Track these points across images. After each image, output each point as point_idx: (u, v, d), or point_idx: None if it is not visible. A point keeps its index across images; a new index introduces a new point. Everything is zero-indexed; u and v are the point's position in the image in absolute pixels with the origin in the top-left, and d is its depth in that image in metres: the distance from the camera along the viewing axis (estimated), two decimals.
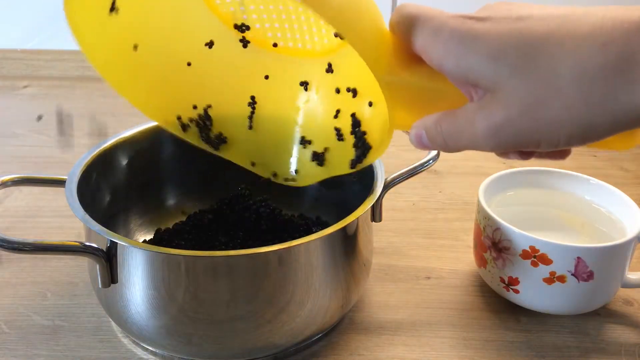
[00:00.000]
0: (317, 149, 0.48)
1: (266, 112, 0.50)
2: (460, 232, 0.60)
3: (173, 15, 0.46)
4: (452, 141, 0.32)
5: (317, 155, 0.48)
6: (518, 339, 0.47)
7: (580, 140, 0.29)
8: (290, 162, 0.49)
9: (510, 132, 0.30)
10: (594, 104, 0.28)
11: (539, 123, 0.29)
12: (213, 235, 0.52)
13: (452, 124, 0.32)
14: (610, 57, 0.27)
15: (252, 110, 0.49)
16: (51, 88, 0.99)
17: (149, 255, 0.40)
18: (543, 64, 0.28)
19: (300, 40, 0.47)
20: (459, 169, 0.72)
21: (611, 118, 0.28)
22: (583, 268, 0.45)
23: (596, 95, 0.27)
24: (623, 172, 0.73)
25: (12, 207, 0.64)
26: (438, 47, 0.31)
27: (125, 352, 0.45)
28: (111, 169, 0.52)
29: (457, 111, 0.32)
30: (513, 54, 0.29)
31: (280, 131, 0.49)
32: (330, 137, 0.47)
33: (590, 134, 0.29)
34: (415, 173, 0.49)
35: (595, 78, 0.27)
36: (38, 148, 0.79)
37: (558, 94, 0.28)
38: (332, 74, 0.46)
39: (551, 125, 0.29)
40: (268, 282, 0.40)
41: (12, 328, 0.47)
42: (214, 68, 0.48)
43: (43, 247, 0.39)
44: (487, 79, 0.29)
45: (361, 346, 0.46)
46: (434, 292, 0.52)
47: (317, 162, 0.48)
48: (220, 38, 0.47)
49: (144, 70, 0.46)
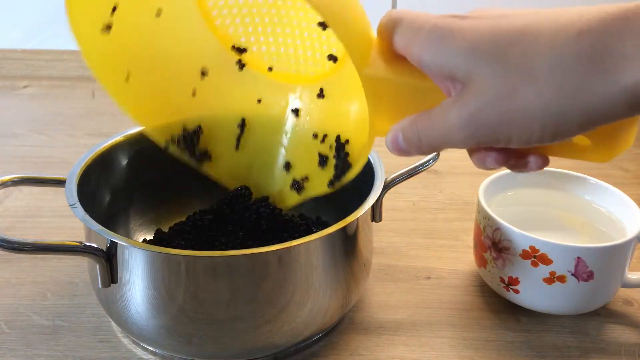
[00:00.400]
0: (297, 176, 0.48)
1: (254, 135, 0.50)
2: (460, 232, 0.60)
3: (173, 33, 0.46)
4: (425, 138, 0.32)
5: (297, 183, 0.48)
6: (518, 339, 0.47)
7: (553, 134, 0.29)
8: (272, 184, 0.50)
9: (483, 122, 0.29)
10: (567, 93, 0.27)
11: (512, 112, 0.28)
12: (213, 235, 0.52)
13: (427, 121, 0.32)
14: (585, 45, 0.27)
15: (240, 132, 0.50)
16: (51, 88, 0.99)
17: (149, 255, 0.40)
18: (518, 53, 0.28)
19: (294, 65, 0.48)
20: (459, 169, 0.72)
21: (582, 109, 0.27)
22: (583, 268, 0.45)
23: (569, 84, 0.27)
24: (623, 172, 0.73)
25: (12, 207, 0.64)
26: (418, 42, 0.31)
27: (125, 352, 0.45)
28: (111, 169, 0.52)
29: (433, 109, 0.32)
30: (489, 45, 0.29)
31: (266, 154, 0.50)
32: (313, 162, 0.47)
33: (563, 126, 0.28)
34: (415, 173, 0.49)
35: (570, 67, 0.27)
36: (38, 148, 0.79)
37: (532, 83, 0.28)
38: (322, 99, 0.46)
39: (524, 115, 0.28)
40: (268, 282, 0.40)
41: (12, 328, 0.47)
42: (209, 86, 0.49)
43: (43, 247, 0.39)
44: (462, 70, 0.29)
45: (361, 346, 0.46)
46: (434, 292, 0.52)
47: (297, 190, 0.48)
48: (217, 59, 0.48)
49: (138, 79, 0.46)
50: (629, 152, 0.77)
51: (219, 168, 0.49)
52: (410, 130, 0.33)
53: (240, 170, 0.50)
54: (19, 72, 1.04)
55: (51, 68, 1.04)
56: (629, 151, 0.77)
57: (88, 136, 0.82)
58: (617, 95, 0.27)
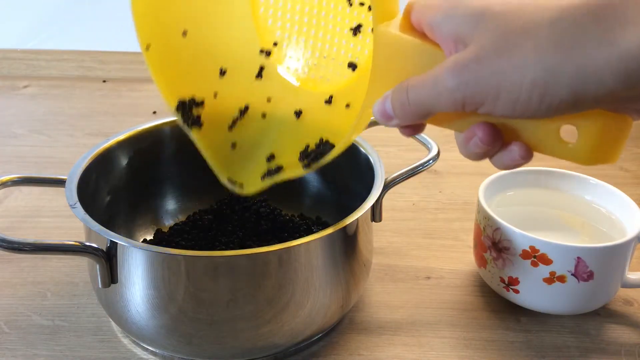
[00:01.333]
0: (273, 167, 0.48)
1: (251, 123, 0.50)
2: (460, 232, 0.60)
3: (222, 14, 0.49)
4: (413, 95, 0.32)
5: (270, 171, 0.47)
6: (518, 339, 0.47)
7: (540, 96, 0.28)
8: (248, 169, 0.49)
9: (475, 72, 0.29)
10: (563, 50, 0.27)
11: (506, 64, 0.28)
12: (213, 235, 0.52)
13: (418, 79, 0.32)
14: (591, 4, 0.27)
15: (239, 115, 0.50)
16: (51, 88, 0.99)
17: (149, 255, 0.40)
18: (525, 12, 0.29)
19: (313, 69, 0.49)
20: (459, 169, 0.72)
21: (575, 70, 0.27)
22: (583, 268, 0.45)
23: (566, 40, 0.27)
24: (623, 172, 0.73)
25: (12, 207, 0.64)
26: (432, 9, 0.32)
27: (125, 352, 0.45)
28: (111, 169, 0.52)
29: (428, 71, 0.32)
30: (499, 7, 0.29)
31: (255, 142, 0.50)
32: (295, 156, 0.47)
33: (552, 87, 0.28)
34: (415, 173, 0.49)
35: (571, 24, 0.27)
36: (38, 148, 0.79)
37: (532, 38, 0.28)
38: (329, 105, 0.47)
39: (517, 68, 0.28)
40: (268, 282, 0.40)
41: (12, 328, 0.47)
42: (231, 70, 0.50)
43: (43, 247, 0.39)
44: (468, 29, 0.30)
45: (361, 346, 0.46)
46: (434, 292, 0.52)
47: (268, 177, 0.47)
48: (248, 50, 0.50)
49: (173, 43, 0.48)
50: (629, 152, 0.77)
51: (206, 138, 0.49)
52: (400, 89, 0.33)
53: (224, 147, 0.50)
54: (19, 72, 1.04)
55: (51, 68, 1.04)
56: (629, 151, 0.77)
57: (88, 136, 0.82)
58: (612, 60, 0.26)
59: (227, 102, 0.50)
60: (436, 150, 0.51)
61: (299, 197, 0.58)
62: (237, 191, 0.47)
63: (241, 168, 0.49)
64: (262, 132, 0.50)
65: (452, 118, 0.34)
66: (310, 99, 0.49)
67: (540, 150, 0.33)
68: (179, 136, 0.55)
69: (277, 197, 0.57)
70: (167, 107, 0.48)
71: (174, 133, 0.55)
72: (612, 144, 0.32)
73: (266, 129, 0.50)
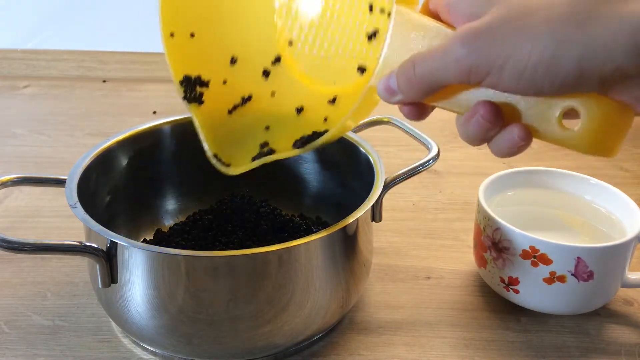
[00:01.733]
0: (265, 150, 0.47)
1: (250, 112, 0.50)
2: (460, 232, 0.60)
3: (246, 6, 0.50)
4: (420, 65, 0.32)
5: (260, 154, 0.47)
6: (518, 339, 0.47)
7: (547, 66, 0.28)
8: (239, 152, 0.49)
9: (485, 39, 0.29)
10: (575, 22, 0.28)
11: (517, 33, 0.29)
12: (213, 235, 0.52)
13: (427, 52, 0.32)
14: None
15: (241, 103, 0.50)
16: (51, 88, 0.99)
17: (149, 255, 0.40)
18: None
19: (322, 70, 0.49)
20: (459, 169, 0.72)
21: (584, 43, 0.27)
22: (583, 268, 0.45)
23: (579, 14, 0.28)
24: (623, 172, 0.73)
25: (12, 207, 0.64)
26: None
27: (125, 352, 0.45)
28: (111, 169, 0.52)
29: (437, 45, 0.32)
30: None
31: (251, 129, 0.50)
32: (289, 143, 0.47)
33: (560, 59, 0.28)
34: (415, 173, 0.49)
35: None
36: (38, 148, 0.79)
37: (544, 9, 0.28)
38: (332, 105, 0.47)
39: (527, 38, 0.28)
40: (268, 282, 0.40)
41: (12, 328, 0.47)
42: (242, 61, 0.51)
43: (43, 247, 0.39)
44: (482, 6, 0.30)
45: (361, 346, 0.46)
46: (434, 292, 0.52)
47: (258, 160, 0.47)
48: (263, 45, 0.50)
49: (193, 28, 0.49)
50: (629, 152, 0.77)
51: (204, 115, 0.49)
52: (406, 63, 0.33)
53: (221, 127, 0.50)
54: (19, 72, 1.04)
55: (51, 68, 1.04)
56: (629, 151, 0.77)
57: (88, 136, 0.82)
58: (623, 34, 0.27)
59: (233, 89, 0.50)
60: (436, 150, 0.51)
61: (299, 197, 0.58)
62: (222, 170, 0.46)
63: (233, 150, 0.49)
64: (260, 121, 0.50)
65: (455, 93, 0.34)
66: (314, 97, 0.49)
67: (540, 136, 0.33)
68: (179, 136, 0.56)
69: (277, 197, 0.57)
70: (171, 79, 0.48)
71: (174, 133, 0.55)
72: (614, 134, 0.32)
73: (265, 120, 0.50)
